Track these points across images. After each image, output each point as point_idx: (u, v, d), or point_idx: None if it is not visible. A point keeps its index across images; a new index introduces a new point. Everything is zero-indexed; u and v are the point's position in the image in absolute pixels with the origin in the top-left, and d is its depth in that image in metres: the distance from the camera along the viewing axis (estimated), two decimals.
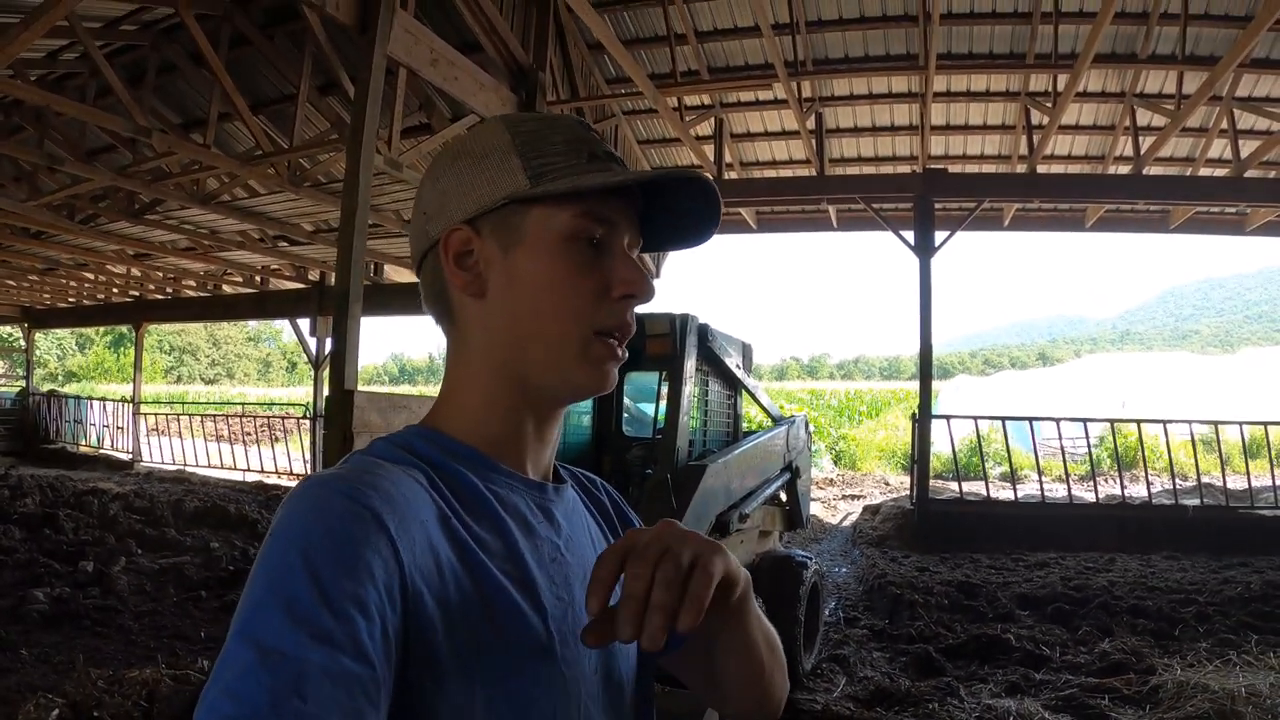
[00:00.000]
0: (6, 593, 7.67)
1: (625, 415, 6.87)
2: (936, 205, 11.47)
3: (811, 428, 7.58)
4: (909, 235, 11.44)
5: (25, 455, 21.35)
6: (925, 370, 11.53)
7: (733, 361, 6.00)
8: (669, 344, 5.25)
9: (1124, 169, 11.63)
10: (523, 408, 0.97)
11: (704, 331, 5.50)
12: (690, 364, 5.32)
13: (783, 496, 6.80)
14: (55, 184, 11.18)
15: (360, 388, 6.38)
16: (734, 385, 6.28)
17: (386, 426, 6.88)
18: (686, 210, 1.02)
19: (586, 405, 6.72)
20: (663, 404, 5.68)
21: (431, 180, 0.98)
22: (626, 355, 0.98)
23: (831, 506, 15.83)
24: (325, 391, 14.03)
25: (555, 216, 0.92)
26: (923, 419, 11.37)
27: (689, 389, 5.29)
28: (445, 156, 0.99)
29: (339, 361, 6.30)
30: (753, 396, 6.58)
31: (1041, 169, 11.34)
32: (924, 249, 11.22)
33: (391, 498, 0.79)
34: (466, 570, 0.82)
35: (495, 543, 0.87)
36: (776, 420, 6.88)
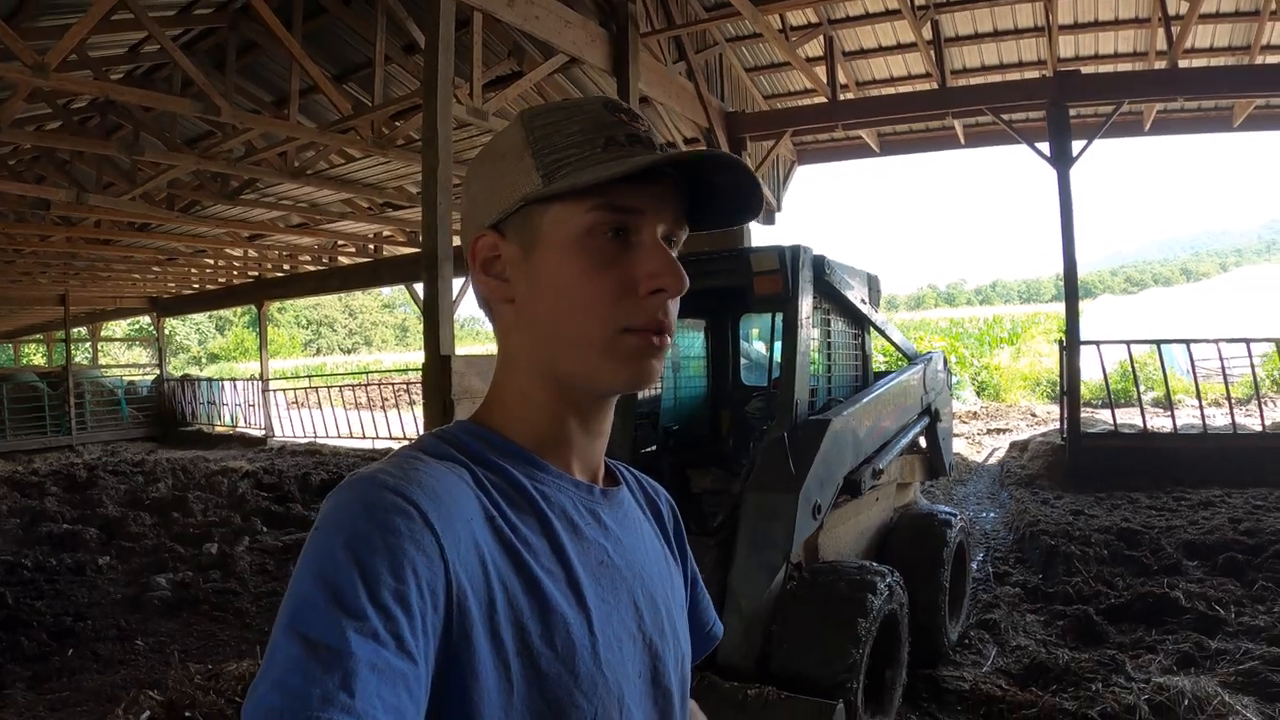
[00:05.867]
0: (132, 580, 7.94)
1: (744, 362, 6.33)
2: (1071, 111, 10.41)
3: (950, 363, 6.82)
4: (1043, 147, 10.45)
5: (164, 439, 22.44)
6: (1071, 292, 10.49)
7: (856, 296, 5.25)
8: (779, 281, 4.55)
9: (1273, 59, 10.47)
10: (565, 407, 0.96)
11: (820, 264, 4.76)
12: (806, 302, 4.64)
13: (922, 443, 6.12)
14: (154, 175, 11.24)
15: (475, 349, 6.02)
16: (860, 323, 5.54)
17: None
18: (727, 184, 0.98)
19: (700, 353, 6.22)
20: (779, 349, 5.07)
21: (465, 186, 0.99)
22: (669, 346, 0.94)
23: (976, 442, 14.89)
24: None
25: (570, 213, 0.90)
26: (1070, 345, 10.41)
27: (806, 331, 4.61)
28: (477, 160, 0.98)
29: (432, 326, 6.09)
30: (882, 333, 5.82)
31: (1182, 64, 10.13)
32: (1061, 160, 10.23)
33: (438, 495, 0.79)
34: (511, 569, 0.83)
35: (540, 542, 0.87)
36: (911, 359, 6.14)
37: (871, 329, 5.71)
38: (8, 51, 6.50)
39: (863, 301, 5.35)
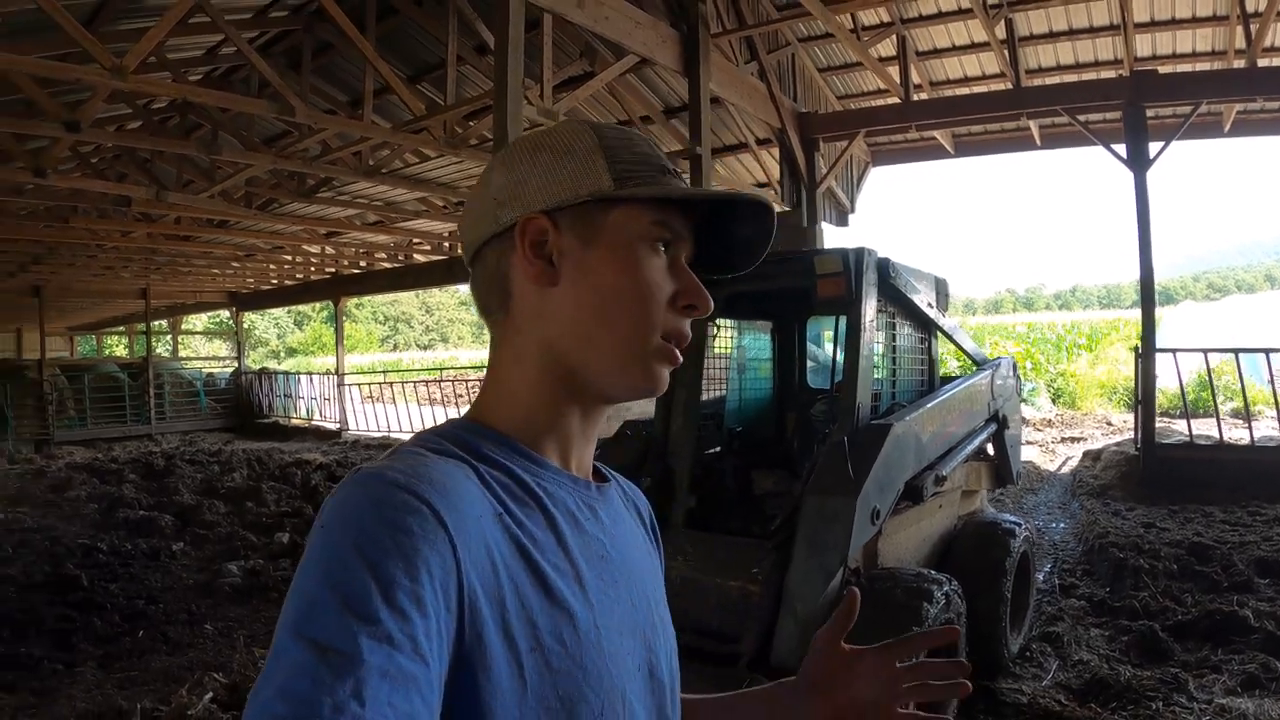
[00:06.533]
0: (205, 567, 8.18)
1: (811, 364, 6.31)
2: (1148, 112, 10.14)
3: (1023, 369, 6.69)
4: (1120, 149, 10.14)
5: (241, 430, 22.98)
6: (1147, 298, 10.17)
7: (923, 299, 5.21)
8: (842, 284, 4.52)
9: None
10: (570, 402, 0.98)
11: (884, 267, 4.72)
12: (870, 305, 4.62)
13: (989, 450, 6.03)
14: (232, 173, 11.51)
15: None
16: (926, 327, 5.50)
17: None
18: (744, 237, 1.06)
19: (766, 355, 6.22)
20: (841, 352, 5.04)
21: (506, 168, 0.98)
22: (680, 362, 0.98)
23: (1049, 450, 14.52)
24: None
25: (636, 219, 0.95)
26: (1146, 353, 10.15)
27: (869, 334, 4.58)
28: (523, 148, 0.99)
29: None
30: (949, 338, 5.78)
31: (1262, 63, 9.79)
32: (1138, 162, 9.95)
33: (448, 492, 0.79)
34: (520, 566, 0.82)
35: (546, 538, 0.87)
36: (979, 364, 6.06)
37: (938, 333, 5.65)
38: (87, 54, 6.68)
39: (929, 305, 5.30)
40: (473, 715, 0.75)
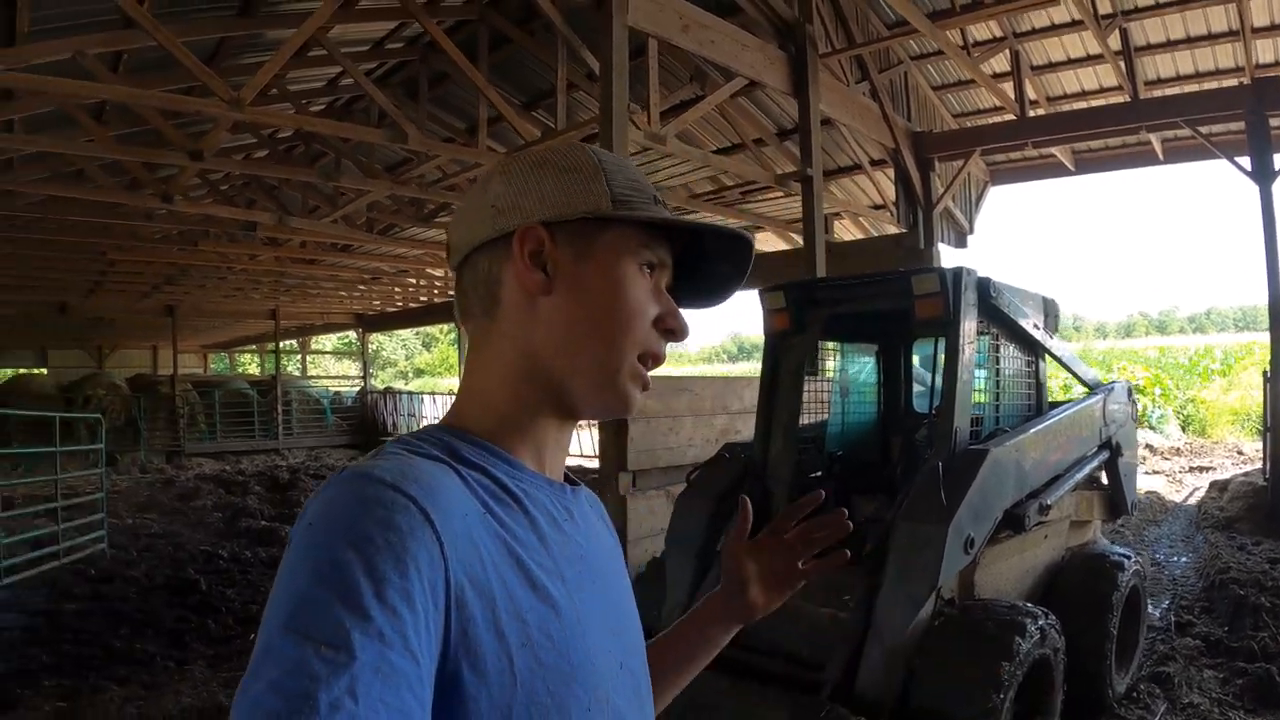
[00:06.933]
0: None
1: (918, 388, 6.19)
2: (1273, 121, 9.60)
3: (1150, 395, 6.39)
4: (1245, 161, 9.65)
5: (366, 447, 23.43)
6: (1276, 318, 9.56)
7: (1029, 321, 5.05)
8: (940, 304, 4.41)
9: None
10: (548, 412, 1.00)
11: (985, 286, 4.59)
12: (969, 326, 4.49)
13: (1102, 479, 5.82)
14: (354, 199, 11.94)
15: (696, 370, 6.15)
16: (1033, 349, 5.31)
17: (665, 410, 6.64)
18: (721, 273, 1.11)
19: (871, 379, 6.11)
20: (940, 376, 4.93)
21: (506, 178, 1.01)
22: (649, 386, 1.03)
23: (1176, 480, 13.95)
24: None
25: (628, 240, 0.99)
26: (1275, 376, 9.64)
27: (967, 356, 4.46)
28: (524, 161, 1.02)
29: None
30: (1059, 361, 5.57)
31: None
32: (1263, 174, 9.44)
33: (433, 491, 0.79)
34: (507, 564, 0.83)
35: (529, 537, 0.89)
36: (1092, 388, 5.86)
37: (1046, 356, 5.48)
38: (208, 88, 7.06)
39: (1036, 326, 5.14)
40: (462, 713, 0.76)
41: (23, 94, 7.83)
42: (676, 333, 1.02)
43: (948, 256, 12.36)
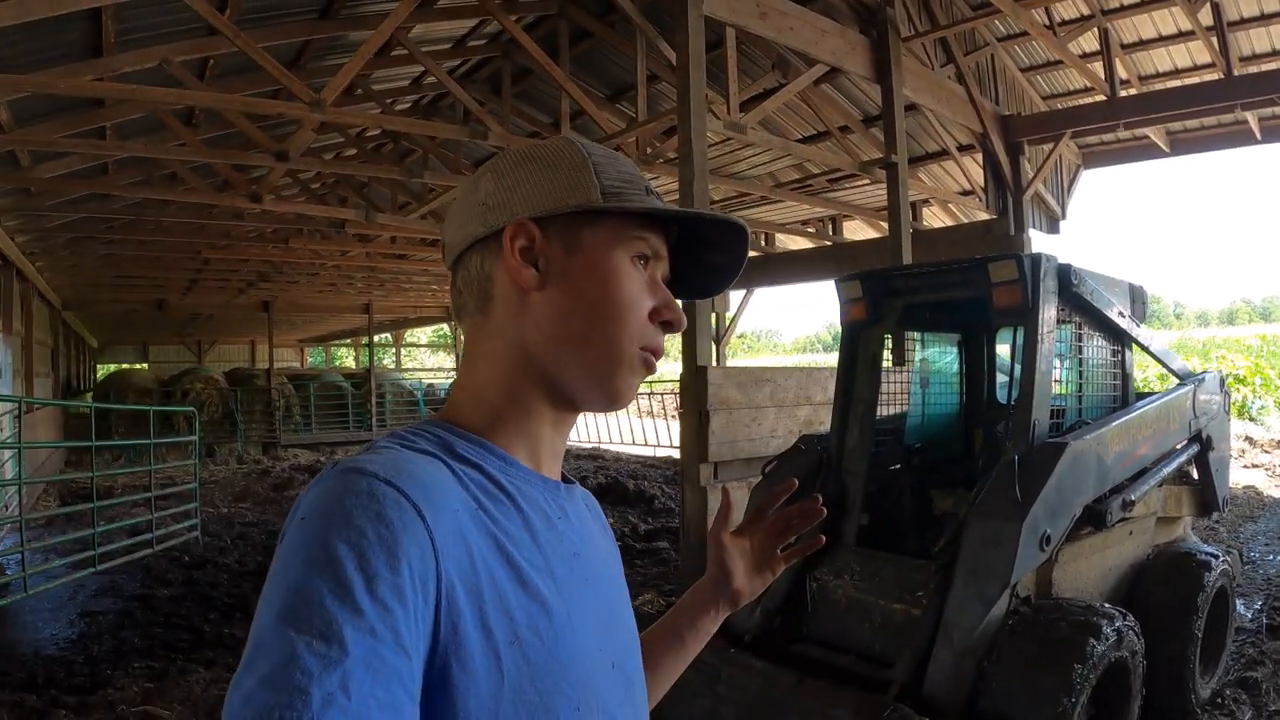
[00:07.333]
0: None
1: (1002, 379, 6.04)
2: None
3: (1226, 386, 6.14)
4: None
5: None
6: None
7: (1114, 310, 4.87)
8: (1018, 292, 4.27)
9: None
10: (542, 406, 1.00)
11: (1065, 273, 4.43)
12: (1049, 315, 4.35)
13: (1192, 473, 5.61)
14: (440, 194, 12.15)
15: (790, 360, 6.15)
16: (1119, 339, 5.13)
17: (748, 401, 6.62)
18: (716, 263, 1.11)
19: (954, 369, 5.99)
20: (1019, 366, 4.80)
21: (495, 175, 1.01)
22: (655, 372, 1.04)
23: (1277, 475, 13.38)
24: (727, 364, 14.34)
25: (621, 233, 0.99)
26: None
27: (1046, 345, 4.32)
28: (511, 157, 1.02)
29: (689, 338, 6.26)
30: (1146, 350, 5.37)
31: None
32: None
33: (425, 486, 0.80)
34: (497, 560, 0.83)
35: (521, 534, 0.89)
36: (1182, 379, 5.63)
37: (1133, 346, 5.30)
38: (290, 91, 7.23)
39: (1121, 315, 4.96)
40: (450, 709, 0.75)
41: (114, 101, 8.12)
42: (673, 324, 1.02)
43: (1039, 243, 12.09)
